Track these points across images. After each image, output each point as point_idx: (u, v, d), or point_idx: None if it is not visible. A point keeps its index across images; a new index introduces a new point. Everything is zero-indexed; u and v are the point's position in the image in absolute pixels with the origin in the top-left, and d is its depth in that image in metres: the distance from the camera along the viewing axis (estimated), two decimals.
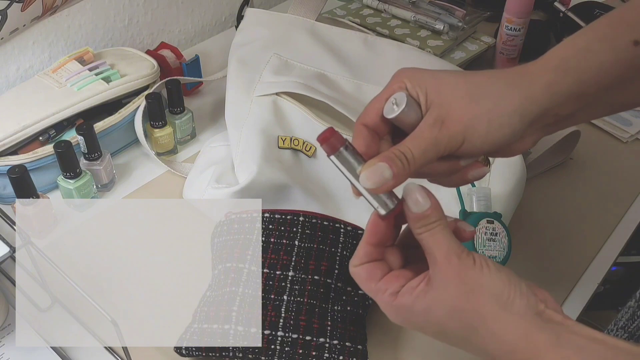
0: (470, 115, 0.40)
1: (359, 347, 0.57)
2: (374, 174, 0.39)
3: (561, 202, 0.78)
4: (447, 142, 0.40)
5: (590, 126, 0.91)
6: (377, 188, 0.39)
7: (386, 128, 0.43)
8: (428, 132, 0.40)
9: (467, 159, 0.43)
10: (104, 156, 0.73)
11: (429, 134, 0.40)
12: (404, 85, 0.42)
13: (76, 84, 0.76)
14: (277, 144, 0.70)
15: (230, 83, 0.76)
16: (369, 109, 0.43)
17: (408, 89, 0.42)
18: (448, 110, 0.40)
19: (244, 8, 0.86)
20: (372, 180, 0.39)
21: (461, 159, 0.42)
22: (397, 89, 0.42)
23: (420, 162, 0.40)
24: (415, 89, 0.42)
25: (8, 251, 0.53)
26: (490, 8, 1.05)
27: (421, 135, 0.40)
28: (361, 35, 0.79)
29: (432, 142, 0.40)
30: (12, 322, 0.60)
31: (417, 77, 0.42)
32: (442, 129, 0.40)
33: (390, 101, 0.42)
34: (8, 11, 0.75)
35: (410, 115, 0.41)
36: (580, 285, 0.69)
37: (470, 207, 0.64)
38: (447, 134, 0.40)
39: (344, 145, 0.40)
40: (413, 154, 0.39)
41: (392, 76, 0.44)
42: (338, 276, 0.60)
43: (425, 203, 0.40)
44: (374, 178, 0.39)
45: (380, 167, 0.39)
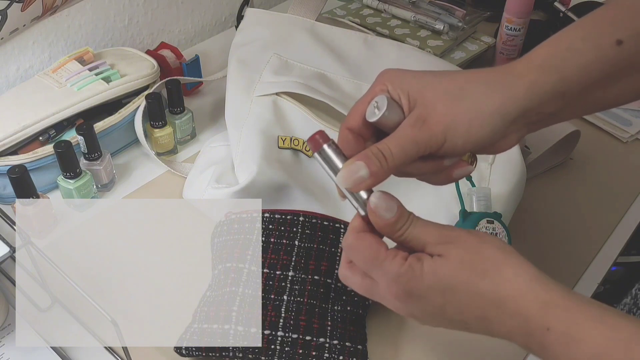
0: (451, 115, 0.41)
1: (359, 347, 0.57)
2: (350, 172, 0.39)
3: (561, 202, 0.78)
4: (427, 141, 0.40)
5: (590, 126, 0.91)
6: (354, 187, 0.39)
7: (370, 131, 0.43)
8: (408, 131, 0.40)
9: (451, 158, 0.43)
10: (104, 156, 0.73)
11: (409, 133, 0.40)
12: (385, 87, 0.42)
13: (76, 84, 0.76)
14: (277, 144, 0.70)
15: (230, 83, 0.76)
16: (352, 113, 0.43)
17: (390, 91, 0.42)
18: (429, 110, 0.41)
19: (244, 8, 0.86)
20: (348, 180, 0.39)
21: (445, 158, 0.43)
22: (378, 92, 0.42)
23: (399, 160, 0.40)
24: (397, 91, 0.42)
25: (8, 251, 0.53)
26: (490, 8, 1.05)
27: (401, 134, 0.40)
28: (361, 35, 0.79)
29: (411, 141, 0.40)
30: (12, 322, 0.60)
31: (399, 78, 0.42)
32: (422, 129, 0.40)
33: (372, 104, 0.42)
34: (8, 11, 0.75)
35: (392, 118, 0.41)
36: (580, 285, 0.69)
37: (470, 207, 0.64)
38: (427, 134, 0.40)
39: (328, 143, 0.40)
40: (392, 152, 0.40)
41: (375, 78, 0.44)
42: (338, 276, 0.60)
43: (393, 204, 0.40)
44: (350, 177, 0.39)
45: (356, 165, 0.39)
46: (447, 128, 0.40)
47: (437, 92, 0.41)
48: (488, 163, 0.68)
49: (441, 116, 0.40)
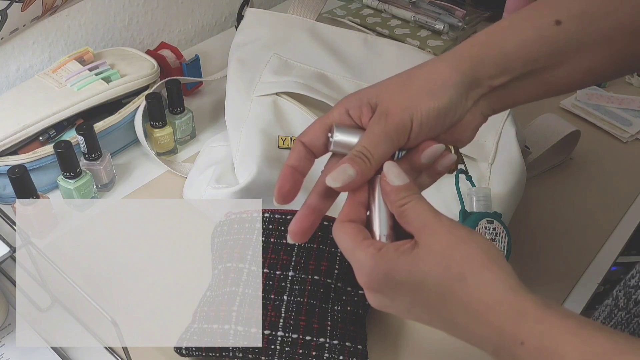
0: (407, 97, 0.43)
1: (359, 347, 0.57)
2: (339, 173, 0.41)
3: (561, 202, 0.78)
4: (396, 130, 0.42)
5: (590, 126, 0.91)
6: (344, 186, 0.41)
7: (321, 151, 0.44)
8: (376, 127, 0.42)
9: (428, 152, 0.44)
10: (104, 156, 0.73)
11: (377, 128, 0.42)
12: (344, 109, 0.44)
13: (76, 84, 0.76)
14: (277, 144, 0.70)
15: (230, 83, 0.76)
16: (309, 129, 0.44)
17: (351, 114, 0.44)
18: (388, 102, 0.43)
19: (244, 8, 0.86)
20: (338, 180, 0.41)
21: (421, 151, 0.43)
22: (336, 115, 0.44)
23: (378, 155, 0.42)
24: (357, 106, 0.44)
25: (8, 251, 0.53)
26: (490, 8, 1.06)
27: (371, 132, 0.42)
28: (361, 35, 0.79)
29: (382, 135, 0.42)
30: (12, 322, 0.60)
31: (356, 95, 0.44)
32: (387, 121, 0.42)
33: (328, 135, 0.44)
34: (8, 11, 0.75)
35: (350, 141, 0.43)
36: (580, 285, 0.69)
37: (470, 207, 0.64)
38: (393, 123, 0.42)
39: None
40: (369, 150, 0.41)
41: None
42: (338, 276, 0.60)
43: (404, 176, 0.41)
44: (339, 178, 0.41)
45: (343, 167, 0.41)
46: (408, 110, 0.42)
47: (390, 86, 0.44)
48: (488, 163, 0.68)
49: (399, 103, 0.42)
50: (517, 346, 0.36)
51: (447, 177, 0.67)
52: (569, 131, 0.79)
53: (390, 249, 0.39)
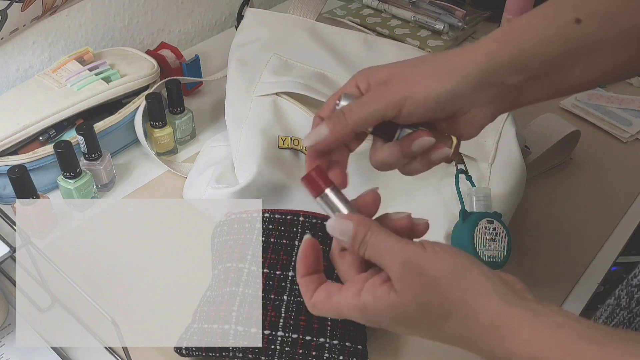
0: (411, 76, 0.43)
1: (359, 347, 0.57)
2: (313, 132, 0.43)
3: (561, 202, 0.78)
4: (386, 101, 0.42)
5: (590, 126, 0.91)
6: (317, 144, 0.42)
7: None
8: (371, 93, 0.44)
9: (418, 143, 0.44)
10: (104, 156, 0.73)
11: (370, 94, 0.44)
12: (354, 84, 0.45)
13: (76, 84, 0.76)
14: (277, 144, 0.70)
15: (230, 83, 0.76)
16: (327, 104, 0.46)
17: (359, 87, 0.45)
18: (392, 77, 0.44)
19: (244, 8, 0.86)
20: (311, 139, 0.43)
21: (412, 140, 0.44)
22: (349, 89, 0.45)
23: (359, 117, 0.42)
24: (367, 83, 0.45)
25: (8, 251, 0.53)
26: (490, 8, 1.06)
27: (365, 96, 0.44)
28: (361, 35, 0.79)
29: (371, 101, 0.43)
30: (12, 322, 0.60)
31: (368, 72, 0.45)
32: (382, 90, 0.43)
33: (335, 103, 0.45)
34: (8, 11, 0.75)
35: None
36: (580, 285, 0.69)
37: (470, 207, 0.64)
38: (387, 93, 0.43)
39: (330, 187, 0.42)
40: (352, 109, 0.43)
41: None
42: (338, 276, 0.59)
43: (348, 226, 0.40)
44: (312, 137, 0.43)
45: (318, 127, 0.43)
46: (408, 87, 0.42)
47: (401, 66, 0.45)
48: (488, 163, 0.68)
49: (402, 79, 0.43)
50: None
51: (447, 177, 0.68)
52: (569, 131, 0.79)
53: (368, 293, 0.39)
